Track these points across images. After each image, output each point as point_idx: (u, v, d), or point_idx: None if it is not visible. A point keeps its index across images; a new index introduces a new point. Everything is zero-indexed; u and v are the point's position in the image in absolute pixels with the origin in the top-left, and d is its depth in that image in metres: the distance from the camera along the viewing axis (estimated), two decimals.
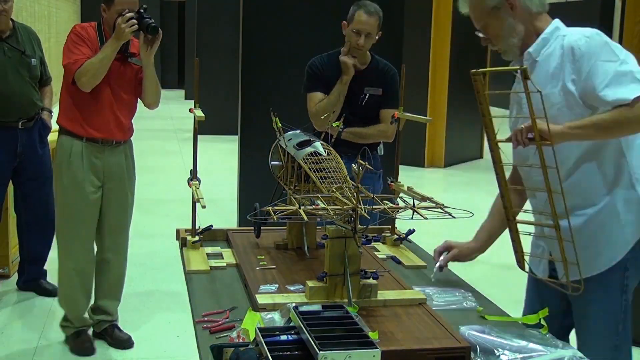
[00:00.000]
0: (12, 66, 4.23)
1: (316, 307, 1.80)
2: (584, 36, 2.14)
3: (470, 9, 2.30)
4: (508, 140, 2.15)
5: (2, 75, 4.19)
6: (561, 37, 2.21)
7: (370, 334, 1.70)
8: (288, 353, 1.61)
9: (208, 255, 2.51)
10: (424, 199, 2.17)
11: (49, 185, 4.27)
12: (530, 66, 2.25)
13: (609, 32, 15.02)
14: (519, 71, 1.96)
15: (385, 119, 3.60)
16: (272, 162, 2.60)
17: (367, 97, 3.60)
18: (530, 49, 2.26)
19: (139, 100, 3.73)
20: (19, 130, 4.25)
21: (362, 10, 3.52)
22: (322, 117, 3.15)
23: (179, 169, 8.64)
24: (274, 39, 4.96)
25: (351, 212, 1.87)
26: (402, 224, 2.75)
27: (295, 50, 4.83)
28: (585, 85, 2.10)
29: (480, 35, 2.31)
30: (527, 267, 2.25)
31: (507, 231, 2.31)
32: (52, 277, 4.46)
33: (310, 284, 2.04)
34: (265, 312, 1.96)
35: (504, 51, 2.32)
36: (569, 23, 2.31)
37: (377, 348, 1.55)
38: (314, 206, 1.98)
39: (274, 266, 2.35)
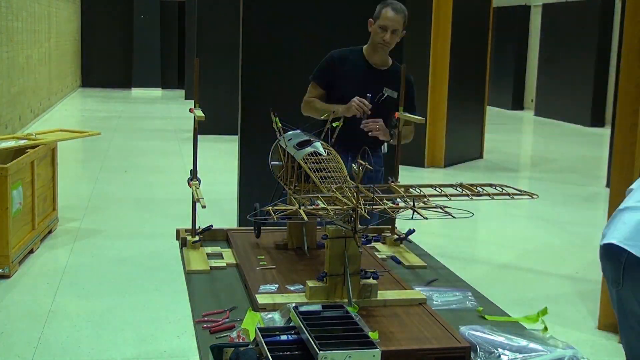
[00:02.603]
0: None
1: (316, 307, 1.80)
2: None
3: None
4: None
5: None
6: None
7: (370, 334, 1.70)
8: (288, 353, 1.61)
9: (208, 255, 2.52)
10: (422, 197, 2.17)
11: None
12: None
13: (609, 33, 14.96)
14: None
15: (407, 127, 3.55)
16: (272, 162, 2.61)
17: (384, 96, 3.60)
18: None
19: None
20: None
21: (389, 7, 3.59)
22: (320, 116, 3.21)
23: (179, 169, 8.64)
24: (274, 39, 4.95)
25: (351, 212, 1.87)
26: (402, 224, 2.75)
27: (295, 50, 4.83)
28: None
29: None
30: None
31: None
32: None
33: (310, 284, 2.04)
34: (265, 312, 1.96)
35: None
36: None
37: (377, 348, 1.55)
38: (314, 206, 1.98)
39: (274, 266, 2.35)
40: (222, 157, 9.00)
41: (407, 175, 7.89)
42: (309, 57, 4.77)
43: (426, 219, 2.02)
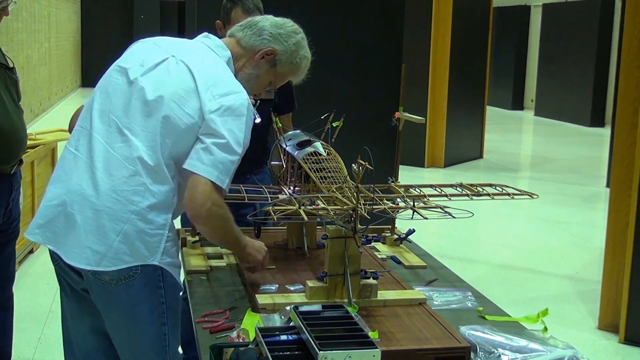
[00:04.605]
0: (4, 89, 2.85)
1: (316, 307, 1.80)
2: None
3: None
4: None
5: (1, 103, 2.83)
6: None
7: (370, 334, 1.71)
8: (288, 353, 1.61)
9: (208, 255, 2.51)
10: (422, 197, 2.17)
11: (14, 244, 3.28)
12: None
13: (609, 33, 14.93)
14: None
15: (287, 125, 3.13)
16: (272, 162, 2.61)
17: (257, 103, 2.93)
18: None
19: None
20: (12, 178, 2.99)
21: (240, 8, 2.92)
22: None
23: None
24: None
25: (351, 212, 1.87)
26: (402, 224, 2.75)
27: None
28: None
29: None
30: None
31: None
32: None
33: (310, 284, 2.05)
34: (265, 313, 1.96)
35: None
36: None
37: (377, 348, 1.55)
38: (314, 206, 1.98)
39: (273, 266, 2.35)
40: None
41: (407, 175, 7.89)
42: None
43: (426, 219, 2.03)
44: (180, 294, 2.05)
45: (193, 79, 1.93)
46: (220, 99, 1.91)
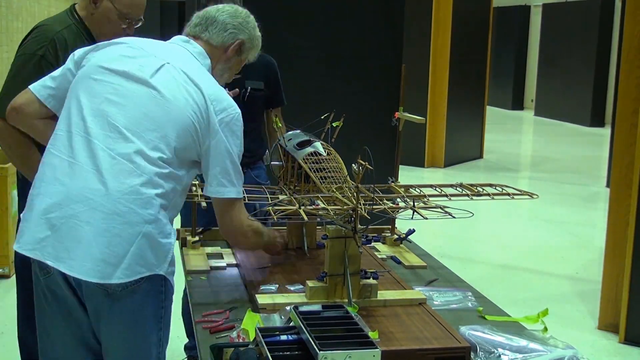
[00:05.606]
0: None
1: (316, 307, 1.80)
2: None
3: None
4: None
5: None
6: None
7: (370, 334, 1.71)
8: (288, 353, 1.61)
9: (208, 255, 2.52)
10: (422, 197, 2.17)
11: None
12: None
13: (609, 33, 14.89)
14: None
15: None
16: (272, 162, 2.61)
17: (249, 91, 3.20)
18: None
19: None
20: None
21: None
22: None
23: None
24: (273, 38, 4.95)
25: (351, 212, 1.87)
26: (402, 224, 2.75)
27: (295, 50, 4.82)
28: None
29: None
30: None
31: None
32: None
33: (310, 284, 2.05)
34: (265, 313, 1.96)
35: None
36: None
37: (377, 348, 1.55)
38: (314, 206, 1.98)
39: (269, 264, 2.35)
40: None
41: (407, 175, 7.89)
42: (309, 57, 4.77)
43: (426, 219, 2.03)
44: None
45: (199, 90, 1.93)
46: (221, 114, 1.94)
